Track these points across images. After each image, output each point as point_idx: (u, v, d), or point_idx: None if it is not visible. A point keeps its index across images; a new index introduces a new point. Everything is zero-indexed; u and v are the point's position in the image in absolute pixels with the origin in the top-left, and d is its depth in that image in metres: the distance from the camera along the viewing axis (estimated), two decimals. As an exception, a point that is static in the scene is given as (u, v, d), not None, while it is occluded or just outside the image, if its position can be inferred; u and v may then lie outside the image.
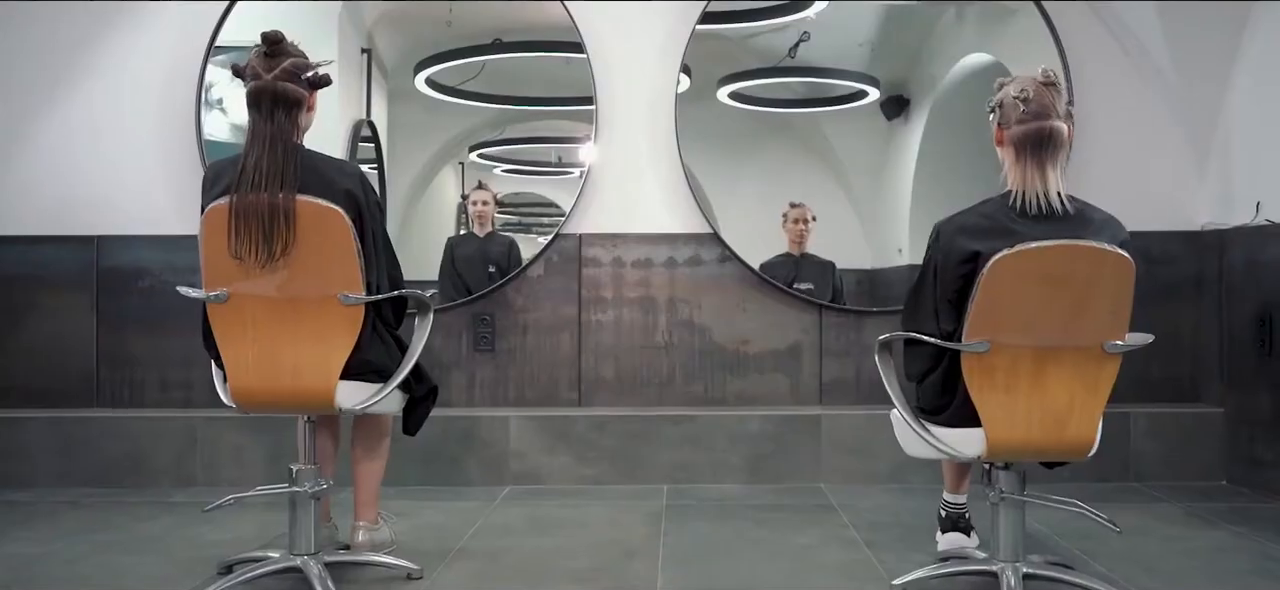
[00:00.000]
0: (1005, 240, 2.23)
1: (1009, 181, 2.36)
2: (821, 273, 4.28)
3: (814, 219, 4.29)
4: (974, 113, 2.65)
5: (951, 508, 2.79)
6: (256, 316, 2.37)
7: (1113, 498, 3.55)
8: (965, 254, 2.28)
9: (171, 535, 3.08)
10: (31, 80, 4.02)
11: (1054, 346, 2.26)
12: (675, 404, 4.00)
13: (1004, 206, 2.32)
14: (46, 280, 3.98)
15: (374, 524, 2.75)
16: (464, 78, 4.46)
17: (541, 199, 4.68)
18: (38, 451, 3.76)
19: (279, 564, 2.50)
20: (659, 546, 2.94)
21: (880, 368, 2.47)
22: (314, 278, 2.35)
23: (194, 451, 3.76)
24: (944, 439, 2.38)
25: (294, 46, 2.46)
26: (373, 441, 2.73)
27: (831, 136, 4.59)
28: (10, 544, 2.97)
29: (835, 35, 4.42)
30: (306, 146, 2.48)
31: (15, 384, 3.95)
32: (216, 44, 4.07)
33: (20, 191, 4.00)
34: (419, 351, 2.55)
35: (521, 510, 3.41)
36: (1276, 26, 3.58)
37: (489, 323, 4.02)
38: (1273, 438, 3.54)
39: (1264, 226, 3.58)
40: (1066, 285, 2.23)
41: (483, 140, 4.58)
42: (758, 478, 3.78)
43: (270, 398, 2.44)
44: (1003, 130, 2.37)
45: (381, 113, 4.45)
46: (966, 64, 4.39)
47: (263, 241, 2.29)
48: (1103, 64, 4.01)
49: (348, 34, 4.43)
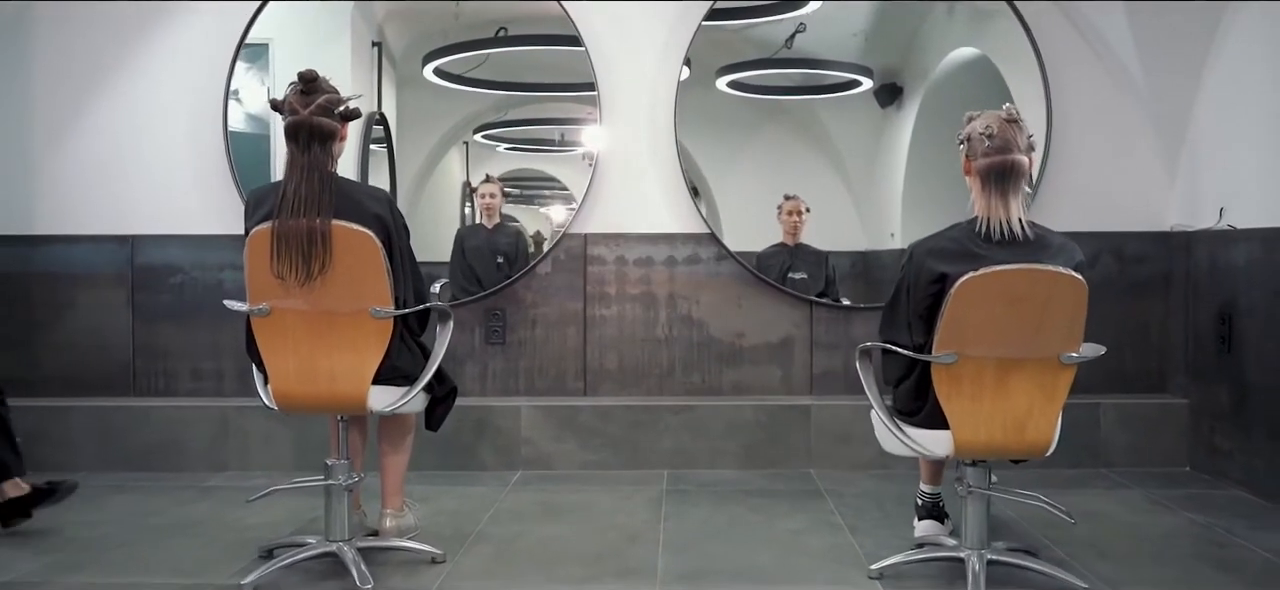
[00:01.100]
0: (971, 263, 2.48)
1: (975, 208, 2.60)
2: (815, 262, 4.51)
3: (808, 210, 4.52)
4: (965, 102, 2.87)
5: (927, 497, 3.05)
6: (296, 328, 2.62)
7: (1082, 483, 3.82)
8: (934, 275, 2.53)
9: (212, 519, 3.35)
10: (69, 86, 4.25)
11: (1015, 358, 2.52)
12: (675, 394, 4.26)
13: (971, 232, 2.57)
14: (85, 277, 4.23)
15: (399, 511, 3.02)
16: (470, 67, 4.68)
17: (543, 175, 4.95)
18: (79, 437, 4.03)
19: (317, 550, 2.77)
20: (659, 532, 3.21)
21: (860, 373, 2.73)
22: (347, 294, 2.60)
23: (226, 438, 4.02)
24: (917, 439, 2.64)
25: (327, 83, 2.69)
26: (398, 437, 2.99)
27: (827, 123, 4.81)
28: (67, 527, 3.24)
29: (830, 26, 4.62)
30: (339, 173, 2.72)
31: (57, 374, 4.22)
32: (244, 42, 4.27)
33: (60, 193, 4.24)
34: (441, 356, 2.81)
35: (532, 495, 3.68)
36: (1243, 38, 3.78)
37: (500, 317, 4.27)
38: (1231, 428, 3.80)
39: (1226, 231, 3.82)
40: (1026, 304, 2.48)
41: (486, 122, 4.81)
42: (752, 464, 4.05)
43: (308, 401, 2.70)
44: (970, 162, 2.61)
45: (391, 100, 4.67)
46: (956, 57, 4.60)
47: (302, 262, 2.54)
48: (1078, 69, 4.22)
49: (360, 29, 4.65)
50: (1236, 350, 3.74)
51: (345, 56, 4.63)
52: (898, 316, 2.66)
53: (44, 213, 4.22)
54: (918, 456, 2.84)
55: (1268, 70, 3.65)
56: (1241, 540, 3.09)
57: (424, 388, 2.80)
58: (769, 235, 4.53)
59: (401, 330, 2.74)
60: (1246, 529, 3.19)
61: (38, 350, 4.22)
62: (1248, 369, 3.68)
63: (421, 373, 2.77)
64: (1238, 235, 3.76)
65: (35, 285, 4.22)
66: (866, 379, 2.72)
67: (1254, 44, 3.73)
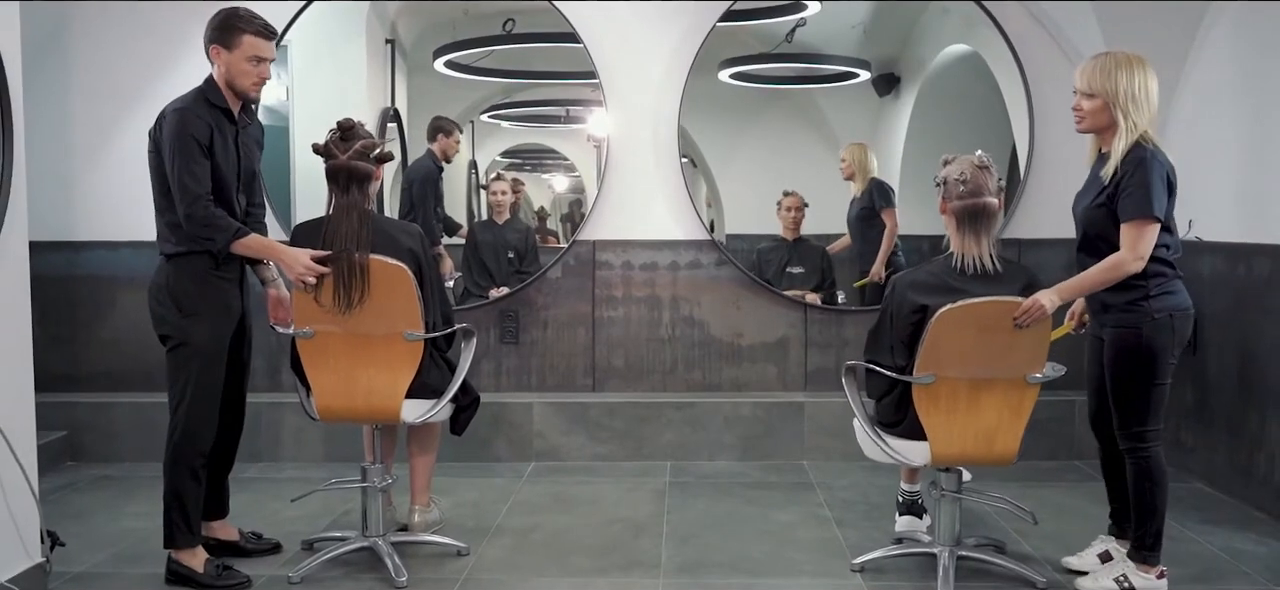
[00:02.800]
0: (949, 296, 2.76)
1: (952, 245, 2.87)
2: (813, 256, 4.77)
3: (807, 205, 4.78)
4: (959, 94, 3.11)
5: (907, 495, 3.35)
6: (337, 350, 2.91)
7: (1056, 476, 4.13)
8: (915, 306, 2.81)
9: (253, 511, 3.63)
10: (106, 100, 4.48)
11: (986, 379, 2.81)
12: (677, 390, 4.56)
13: (948, 267, 2.84)
14: (126, 280, 4.50)
15: (427, 507, 3.32)
16: (478, 58, 4.92)
17: (547, 148, 5.27)
18: (122, 430, 4.33)
19: (355, 544, 3.08)
20: (662, 525, 3.51)
21: (846, 389, 3.01)
22: (383, 319, 2.88)
23: (258, 431, 4.31)
24: (897, 448, 2.93)
25: (363, 129, 2.95)
26: (427, 440, 3.28)
27: (827, 111, 5.06)
28: (124, 519, 3.55)
29: (829, 19, 4.84)
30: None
31: (100, 370, 4.51)
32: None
33: (100, 202, 4.50)
34: (465, 371, 3.09)
35: (545, 487, 3.99)
36: (1212, 61, 4.02)
37: (514, 318, 4.55)
38: (1193, 425, 4.09)
39: (1195, 242, 4.08)
40: (996, 331, 2.76)
41: (493, 104, 5.10)
42: (749, 456, 4.35)
43: (348, 414, 2.99)
44: (946, 203, 2.88)
45: (403, 89, 4.89)
46: (951, 52, 4.83)
47: (343, 292, 2.82)
48: (1057, 85, 4.45)
49: (374, 27, 4.89)
50: (1201, 353, 4.02)
51: (361, 55, 4.88)
52: (881, 340, 2.94)
53: (85, 220, 4.49)
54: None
55: (1232, 98, 3.90)
56: (1193, 535, 3.40)
57: (450, 398, 3.10)
58: (768, 220, 4.78)
59: (431, 350, 3.02)
60: (1198, 524, 3.50)
61: (82, 348, 4.51)
62: (1210, 371, 3.96)
63: (448, 386, 3.06)
64: (1204, 247, 4.02)
65: (79, 287, 4.50)
66: (852, 393, 3.01)
67: (1221, 68, 3.98)
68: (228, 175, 2.92)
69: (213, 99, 2.92)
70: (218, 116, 2.91)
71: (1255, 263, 3.68)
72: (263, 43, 2.90)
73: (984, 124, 4.75)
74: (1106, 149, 2.83)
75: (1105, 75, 2.75)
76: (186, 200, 2.81)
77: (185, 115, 2.84)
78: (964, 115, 4.87)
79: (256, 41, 2.89)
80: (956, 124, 4.85)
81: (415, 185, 4.76)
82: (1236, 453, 3.79)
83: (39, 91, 4.22)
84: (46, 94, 4.43)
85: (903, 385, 2.87)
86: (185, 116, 2.84)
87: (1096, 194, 2.80)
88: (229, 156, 2.93)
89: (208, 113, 2.89)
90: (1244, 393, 3.73)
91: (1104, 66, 2.77)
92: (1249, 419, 3.70)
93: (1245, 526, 3.48)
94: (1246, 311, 3.73)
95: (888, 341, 2.91)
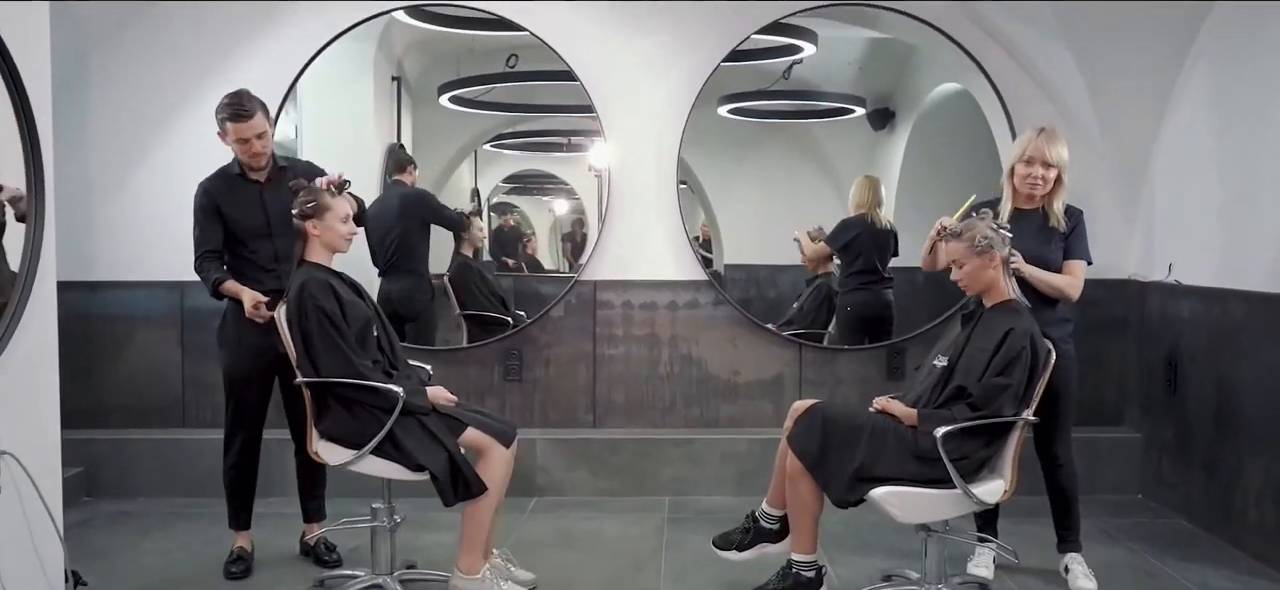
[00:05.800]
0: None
1: (1011, 291, 3.12)
2: (816, 289, 4.94)
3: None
4: (953, 130, 3.37)
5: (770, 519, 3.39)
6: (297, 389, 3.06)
7: (1045, 510, 4.22)
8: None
9: (265, 546, 3.75)
10: (123, 145, 4.63)
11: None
12: (676, 426, 4.69)
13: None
14: (141, 319, 4.65)
15: (468, 573, 3.09)
16: (482, 93, 5.10)
17: (548, 174, 5.51)
18: (137, 465, 4.46)
19: (365, 582, 3.21)
20: (661, 561, 3.64)
21: (941, 452, 2.90)
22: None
23: (268, 467, 4.39)
24: (983, 492, 3.00)
25: (313, 186, 3.17)
26: None
27: (823, 144, 5.23)
28: (143, 555, 3.68)
29: (826, 56, 5.00)
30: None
31: (116, 406, 4.65)
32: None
33: (118, 243, 4.64)
34: (390, 434, 3.03)
35: (548, 523, 4.12)
36: (1190, 111, 4.18)
37: (517, 356, 4.70)
38: (1176, 461, 4.23)
39: (1174, 285, 4.23)
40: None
41: (497, 135, 5.34)
42: (746, 491, 4.46)
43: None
44: (996, 253, 3.10)
45: (408, 123, 5.08)
46: (944, 89, 4.98)
47: None
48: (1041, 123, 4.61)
49: (381, 65, 5.05)
50: (1180, 392, 4.17)
51: (368, 92, 5.05)
52: (1009, 392, 2.96)
53: (104, 260, 4.63)
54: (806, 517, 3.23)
55: (1210, 147, 4.05)
56: (1171, 572, 3.53)
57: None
58: (766, 249, 4.99)
59: (332, 401, 3.11)
60: (1177, 561, 3.63)
61: (100, 384, 4.64)
62: (1189, 409, 4.10)
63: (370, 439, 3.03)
64: (1184, 290, 4.17)
65: (97, 326, 4.64)
66: (954, 469, 2.91)
67: (1199, 116, 4.13)
68: (250, 226, 3.48)
69: (229, 168, 3.52)
70: (233, 181, 3.49)
71: (1232, 306, 3.82)
72: (240, 125, 3.38)
73: (975, 159, 4.90)
74: (1045, 205, 3.34)
75: (1061, 148, 3.30)
76: (194, 255, 3.51)
77: (200, 187, 3.50)
78: (956, 150, 5.03)
79: (234, 127, 3.39)
80: (949, 158, 5.01)
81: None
82: (1214, 490, 3.92)
83: (57, 134, 4.36)
84: (64, 136, 4.54)
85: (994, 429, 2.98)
86: (200, 188, 3.50)
87: (1049, 239, 3.32)
88: (252, 212, 3.47)
89: (222, 181, 3.49)
90: (1222, 431, 3.87)
91: (1056, 141, 3.29)
92: (1227, 457, 3.84)
93: (1222, 563, 3.61)
94: (1224, 353, 3.87)
95: (1016, 392, 2.96)
